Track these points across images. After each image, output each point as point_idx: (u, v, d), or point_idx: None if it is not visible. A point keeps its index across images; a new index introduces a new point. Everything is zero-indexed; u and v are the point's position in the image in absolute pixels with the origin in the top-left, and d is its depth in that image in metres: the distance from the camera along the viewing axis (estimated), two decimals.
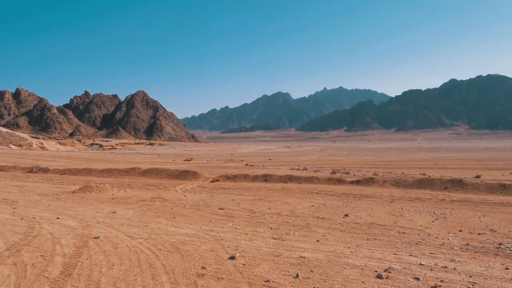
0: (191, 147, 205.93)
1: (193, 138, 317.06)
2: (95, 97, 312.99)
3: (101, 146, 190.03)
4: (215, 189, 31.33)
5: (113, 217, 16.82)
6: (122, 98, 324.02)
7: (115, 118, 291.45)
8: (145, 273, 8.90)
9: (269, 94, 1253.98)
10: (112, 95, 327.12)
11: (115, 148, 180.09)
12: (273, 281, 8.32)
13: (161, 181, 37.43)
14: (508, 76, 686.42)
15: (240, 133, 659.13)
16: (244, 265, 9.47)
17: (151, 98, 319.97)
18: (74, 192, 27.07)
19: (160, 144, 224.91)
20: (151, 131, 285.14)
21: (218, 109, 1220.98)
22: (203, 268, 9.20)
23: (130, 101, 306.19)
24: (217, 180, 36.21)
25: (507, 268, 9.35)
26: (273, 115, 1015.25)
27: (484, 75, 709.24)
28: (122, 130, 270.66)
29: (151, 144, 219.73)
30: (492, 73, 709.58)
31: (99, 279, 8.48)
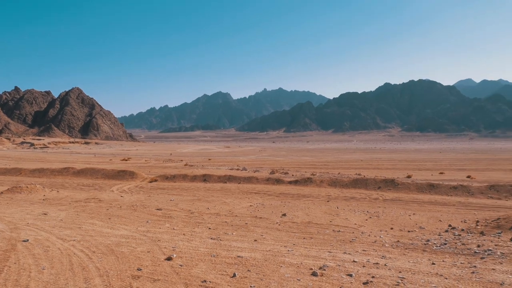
0: (129, 146, 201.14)
1: (131, 138, 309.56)
2: (26, 93, 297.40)
3: (32, 144, 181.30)
4: (153, 189, 30.81)
5: (44, 219, 16.13)
6: (56, 95, 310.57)
7: (48, 115, 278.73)
8: (78, 276, 8.61)
9: (210, 93, 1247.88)
10: (45, 92, 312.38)
11: (48, 147, 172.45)
12: (210, 281, 8.31)
13: (96, 181, 36.32)
14: (438, 81, 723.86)
15: (180, 132, 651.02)
16: (181, 265, 9.39)
17: (87, 96, 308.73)
18: (1, 193, 25.70)
19: (96, 143, 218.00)
20: (87, 130, 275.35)
21: (157, 108, 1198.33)
22: (139, 269, 9.03)
23: (65, 98, 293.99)
24: (155, 180, 35.62)
25: (433, 263, 9.85)
26: (213, 115, 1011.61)
27: (416, 80, 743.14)
28: (56, 128, 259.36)
29: (86, 143, 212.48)
30: (423, 78, 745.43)
31: (27, 284, 8.11)
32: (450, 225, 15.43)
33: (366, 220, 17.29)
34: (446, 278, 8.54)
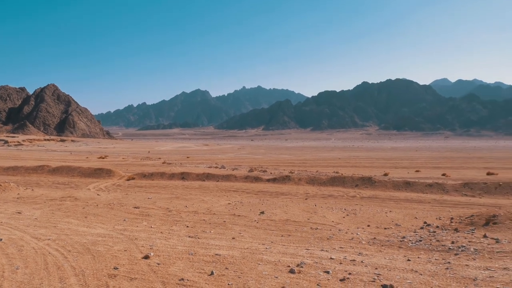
0: (106, 144, 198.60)
1: (108, 135, 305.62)
2: (0, 90, 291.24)
3: (6, 142, 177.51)
4: (130, 187, 30.53)
5: (18, 217, 15.84)
6: (31, 92, 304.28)
7: (22, 112, 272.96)
8: (53, 276, 8.48)
9: (188, 91, 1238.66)
10: (20, 88, 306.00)
11: (22, 145, 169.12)
12: (187, 279, 8.28)
13: (72, 179, 35.79)
14: (414, 80, 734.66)
15: (158, 130, 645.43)
16: (158, 264, 9.34)
17: (63, 92, 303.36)
18: None
19: (72, 140, 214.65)
20: (63, 127, 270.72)
21: (135, 105, 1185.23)
22: (115, 268, 8.95)
23: (40, 95, 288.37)
24: (133, 178, 35.29)
25: (409, 260, 10.01)
26: (192, 112, 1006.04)
27: (393, 79, 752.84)
28: (30, 126, 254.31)
29: (62, 140, 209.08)
30: (400, 77, 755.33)
31: (0, 284, 7.96)
32: (425, 222, 15.69)
33: (344, 217, 17.46)
34: (421, 274, 8.69)
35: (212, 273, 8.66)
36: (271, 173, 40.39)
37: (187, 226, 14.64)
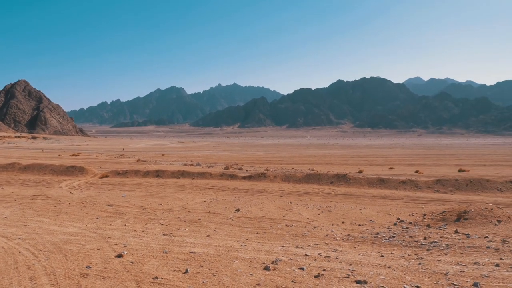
0: (79, 141, 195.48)
1: (82, 132, 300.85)
2: None
3: None
4: (104, 185, 30.09)
5: None
6: (0, 87, 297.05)
7: None
8: (23, 276, 8.30)
9: (163, 88, 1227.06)
10: None
11: None
12: (161, 278, 8.21)
13: (44, 177, 35.06)
14: (388, 79, 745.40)
15: (132, 127, 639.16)
16: (132, 262, 9.23)
17: (34, 89, 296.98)
18: None
19: (44, 138, 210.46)
20: (34, 124, 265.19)
21: (109, 102, 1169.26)
22: (88, 267, 8.80)
23: (10, 91, 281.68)
24: (107, 176, 34.80)
25: (382, 256, 10.14)
26: (167, 109, 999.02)
27: (367, 77, 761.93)
28: (0, 122, 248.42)
29: (34, 137, 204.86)
30: (375, 76, 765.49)
31: None
32: (398, 219, 15.91)
33: (319, 214, 17.57)
34: (394, 270, 8.81)
35: (186, 271, 8.60)
36: (246, 170, 40.38)
37: (162, 224, 14.52)
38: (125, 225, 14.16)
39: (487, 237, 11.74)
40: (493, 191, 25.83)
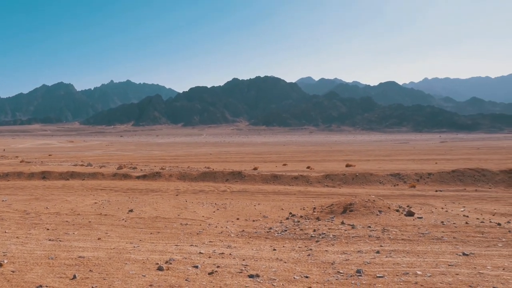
0: None
1: None
2: None
3: None
4: None
5: None
6: None
7: None
8: None
9: (50, 84, 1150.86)
10: None
11: None
12: (46, 286, 7.72)
13: None
14: (282, 78, 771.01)
15: (15, 126, 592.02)
16: (13, 272, 8.56)
17: None
18: None
19: None
20: None
21: None
22: None
23: None
24: None
25: (274, 249, 10.47)
26: (54, 107, 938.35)
27: (262, 76, 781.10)
28: None
29: None
30: (269, 75, 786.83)
31: None
32: (290, 213, 16.50)
33: (214, 212, 17.67)
34: (285, 262, 9.13)
35: (74, 277, 8.17)
36: (141, 170, 39.39)
37: (48, 229, 13.66)
38: (5, 232, 13.10)
39: (369, 226, 12.62)
40: (376, 184, 27.86)
